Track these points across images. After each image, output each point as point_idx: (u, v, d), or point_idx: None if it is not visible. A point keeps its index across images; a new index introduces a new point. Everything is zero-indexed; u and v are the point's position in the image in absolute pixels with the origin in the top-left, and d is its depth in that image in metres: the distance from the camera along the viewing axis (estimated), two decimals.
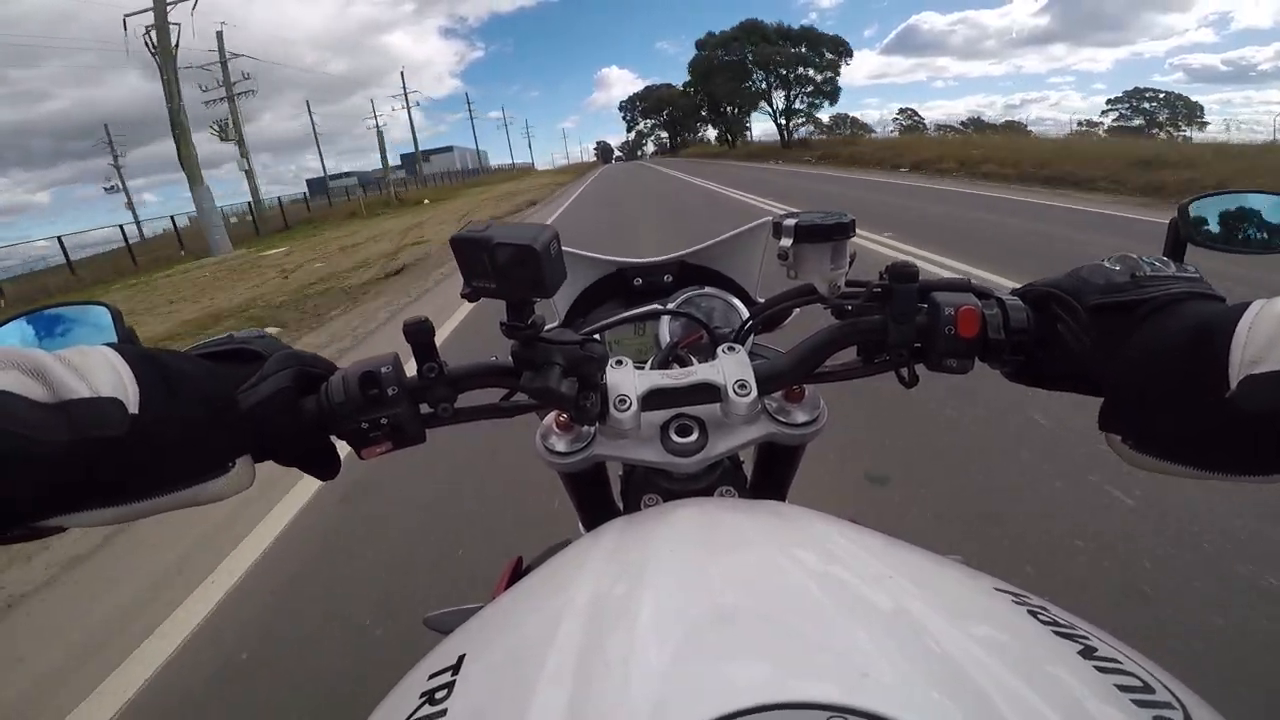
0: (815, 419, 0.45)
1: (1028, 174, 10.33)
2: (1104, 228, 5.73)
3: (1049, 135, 19.54)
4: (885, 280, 0.42)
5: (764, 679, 0.21)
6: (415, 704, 0.25)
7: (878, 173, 14.01)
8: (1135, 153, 9.70)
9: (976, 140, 17.47)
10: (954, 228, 6.34)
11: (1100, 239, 5.11)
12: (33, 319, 0.45)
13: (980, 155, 12.78)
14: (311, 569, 1.82)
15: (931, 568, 0.31)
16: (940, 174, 12.81)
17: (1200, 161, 8.46)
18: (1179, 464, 0.33)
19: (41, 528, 0.30)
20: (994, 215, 6.88)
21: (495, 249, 0.34)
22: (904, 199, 9.12)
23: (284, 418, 0.37)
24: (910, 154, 15.62)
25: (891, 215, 7.32)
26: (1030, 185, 9.65)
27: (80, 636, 1.67)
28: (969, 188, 10.08)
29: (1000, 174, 11.03)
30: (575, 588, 0.30)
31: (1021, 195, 8.63)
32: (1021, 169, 10.71)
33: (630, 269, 0.70)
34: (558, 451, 0.45)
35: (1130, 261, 0.39)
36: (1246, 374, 0.28)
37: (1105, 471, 1.75)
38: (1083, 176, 9.15)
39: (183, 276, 11.08)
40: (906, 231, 5.97)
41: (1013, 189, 9.53)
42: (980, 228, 6.18)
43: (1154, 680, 0.23)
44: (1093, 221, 6.11)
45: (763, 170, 20.27)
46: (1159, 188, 7.66)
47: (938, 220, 6.89)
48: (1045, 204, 7.62)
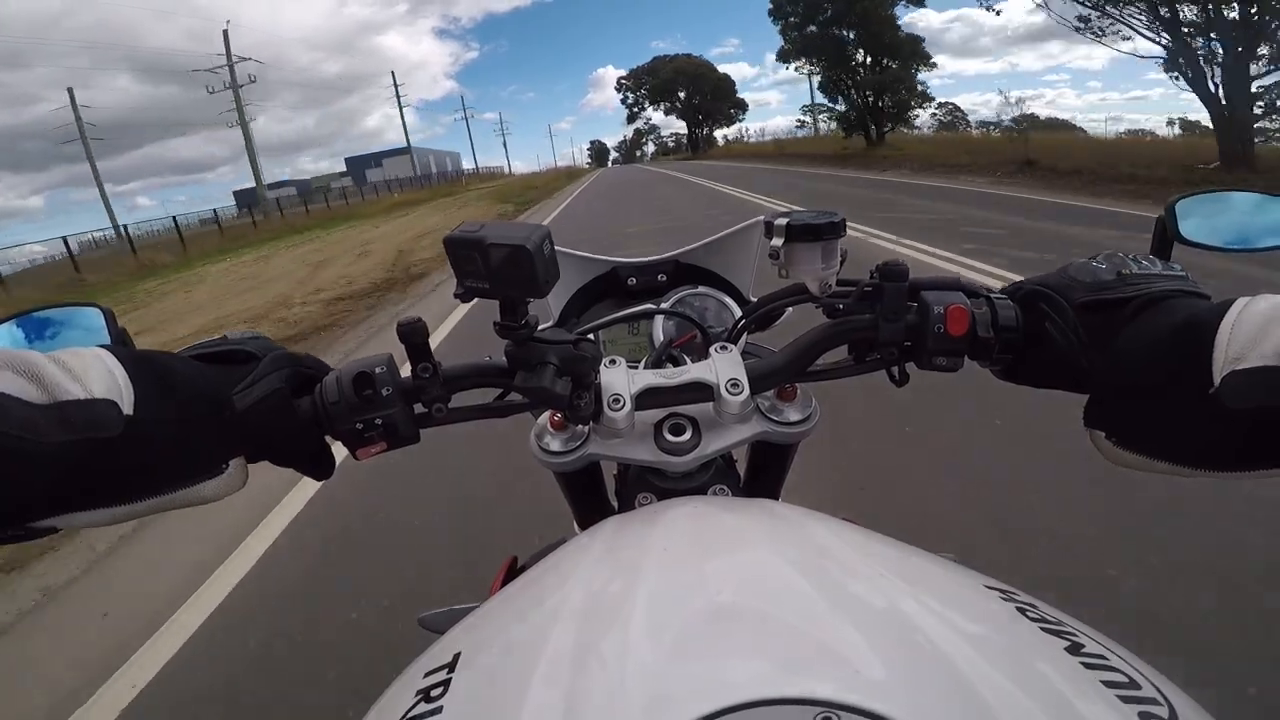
0: (807, 418, 0.46)
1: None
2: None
3: (1099, 135, 17.01)
4: (876, 279, 0.42)
5: (757, 675, 0.21)
6: (411, 701, 0.25)
7: (984, 181, 9.93)
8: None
9: (1070, 140, 14.26)
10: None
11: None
12: (24, 321, 0.45)
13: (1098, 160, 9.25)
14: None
15: (923, 565, 0.31)
16: (1062, 180, 8.88)
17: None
18: (1163, 460, 0.34)
19: (36, 528, 0.30)
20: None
21: (488, 249, 0.34)
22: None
23: (278, 418, 0.37)
24: (1006, 153, 11.78)
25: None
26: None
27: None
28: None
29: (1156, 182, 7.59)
30: (570, 586, 0.31)
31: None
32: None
33: (624, 268, 0.70)
34: (552, 451, 0.45)
35: (1117, 260, 0.39)
36: (1230, 370, 0.28)
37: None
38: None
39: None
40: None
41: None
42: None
43: (1140, 677, 0.23)
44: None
45: (874, 186, 11.26)
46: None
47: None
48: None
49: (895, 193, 9.78)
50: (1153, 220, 0.46)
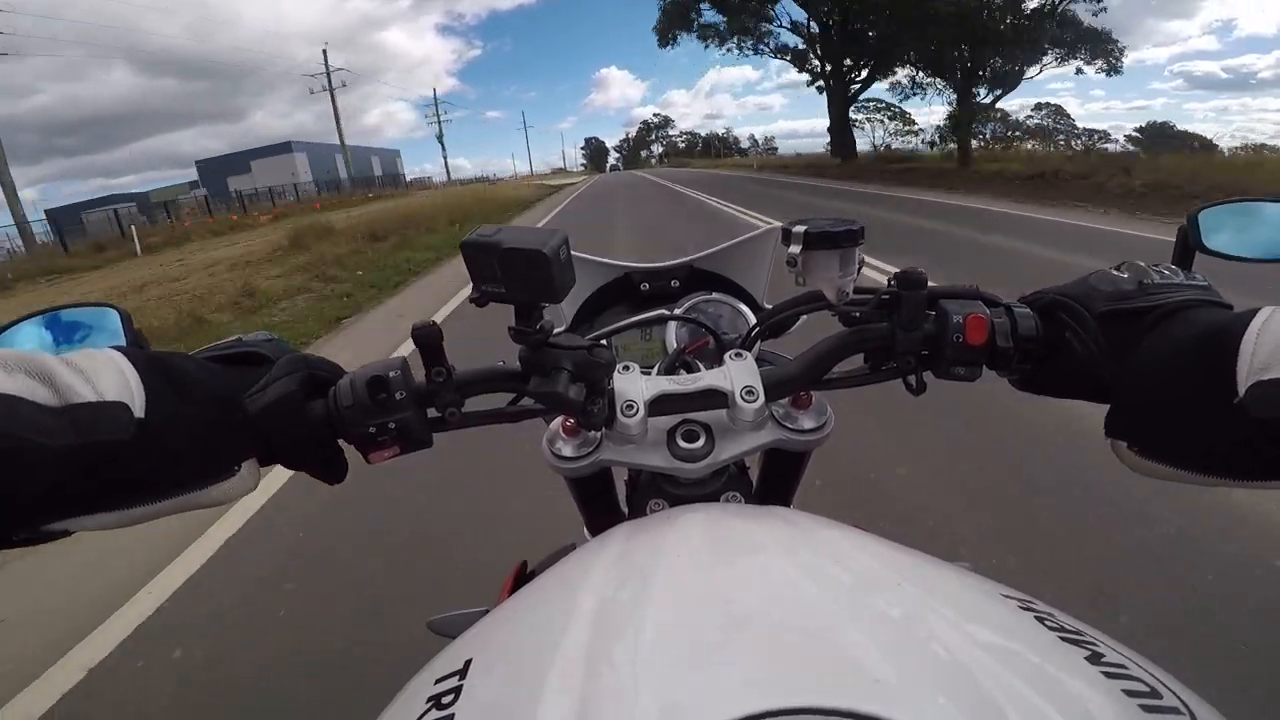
0: (822, 425, 0.45)
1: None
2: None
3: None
4: (893, 287, 0.42)
5: (774, 685, 0.21)
6: (423, 708, 0.25)
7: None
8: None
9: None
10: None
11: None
12: (42, 320, 0.45)
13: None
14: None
15: (939, 574, 0.31)
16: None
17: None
18: (1185, 470, 0.33)
19: (48, 531, 0.30)
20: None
21: (505, 254, 0.34)
22: None
23: (291, 421, 0.37)
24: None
25: None
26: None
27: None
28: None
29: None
30: (582, 593, 0.30)
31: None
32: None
33: (638, 274, 0.70)
34: (564, 456, 0.45)
35: (1138, 269, 0.39)
36: (1255, 380, 0.28)
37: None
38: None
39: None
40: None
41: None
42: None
43: (1161, 686, 0.22)
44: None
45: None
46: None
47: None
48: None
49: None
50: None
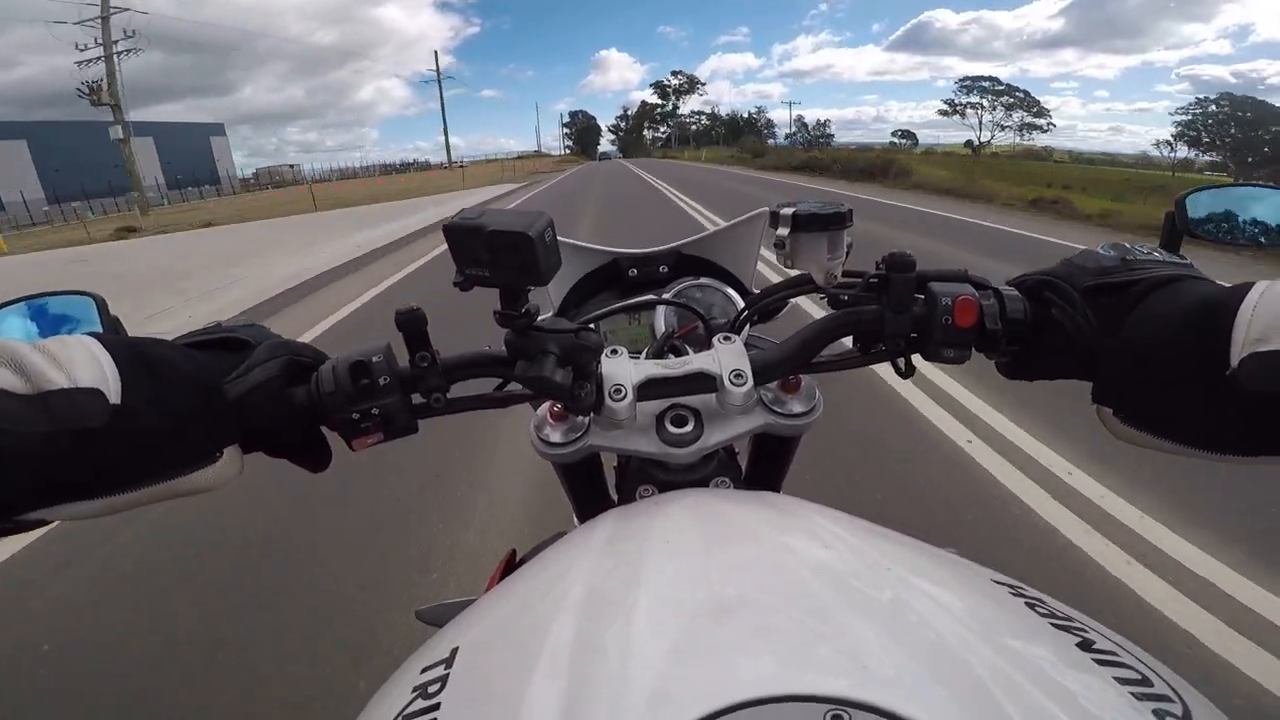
0: (811, 409, 0.45)
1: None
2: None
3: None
4: (882, 270, 0.42)
5: (764, 672, 0.21)
6: (408, 698, 0.25)
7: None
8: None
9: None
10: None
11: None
12: (14, 309, 0.44)
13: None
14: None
15: (929, 560, 0.31)
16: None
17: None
18: (1170, 440, 0.33)
19: (24, 521, 0.30)
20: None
21: (489, 236, 0.33)
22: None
23: (272, 407, 0.37)
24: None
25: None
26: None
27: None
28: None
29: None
30: (570, 580, 0.30)
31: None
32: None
33: (626, 259, 0.69)
34: (552, 442, 0.44)
35: (1122, 248, 0.39)
36: (1250, 352, 0.28)
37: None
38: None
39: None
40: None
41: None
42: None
43: (1152, 674, 0.22)
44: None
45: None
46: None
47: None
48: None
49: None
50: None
